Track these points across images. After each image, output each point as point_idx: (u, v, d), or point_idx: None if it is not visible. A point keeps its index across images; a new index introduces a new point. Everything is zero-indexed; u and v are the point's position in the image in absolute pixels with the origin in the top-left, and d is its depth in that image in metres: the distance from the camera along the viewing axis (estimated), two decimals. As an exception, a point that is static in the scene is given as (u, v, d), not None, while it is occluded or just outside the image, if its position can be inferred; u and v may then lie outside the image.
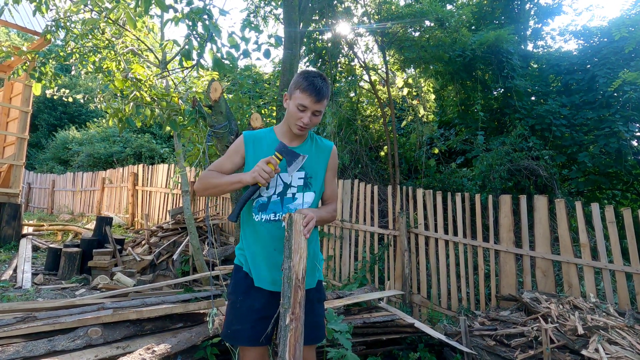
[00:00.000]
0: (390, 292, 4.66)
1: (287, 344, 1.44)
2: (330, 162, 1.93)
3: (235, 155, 1.89)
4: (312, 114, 1.76)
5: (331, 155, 1.93)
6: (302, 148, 1.87)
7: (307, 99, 1.72)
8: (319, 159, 1.90)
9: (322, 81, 1.75)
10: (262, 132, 1.95)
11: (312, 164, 1.87)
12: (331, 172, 1.95)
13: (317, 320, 1.83)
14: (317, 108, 1.75)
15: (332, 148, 1.95)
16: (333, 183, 1.97)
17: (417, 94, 9.41)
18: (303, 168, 1.84)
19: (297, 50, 5.15)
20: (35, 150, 19.85)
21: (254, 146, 1.87)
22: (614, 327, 2.99)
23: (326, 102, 1.78)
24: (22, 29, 7.41)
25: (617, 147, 6.75)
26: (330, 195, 1.97)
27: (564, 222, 3.94)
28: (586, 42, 8.59)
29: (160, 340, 2.62)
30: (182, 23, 3.14)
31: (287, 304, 1.49)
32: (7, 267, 5.78)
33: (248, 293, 1.82)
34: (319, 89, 1.72)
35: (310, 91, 1.71)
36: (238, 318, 1.80)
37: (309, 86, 1.71)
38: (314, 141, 1.93)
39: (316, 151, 1.90)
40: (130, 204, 10.32)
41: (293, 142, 1.88)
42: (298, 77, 1.80)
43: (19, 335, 2.45)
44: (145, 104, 3.70)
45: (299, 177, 1.84)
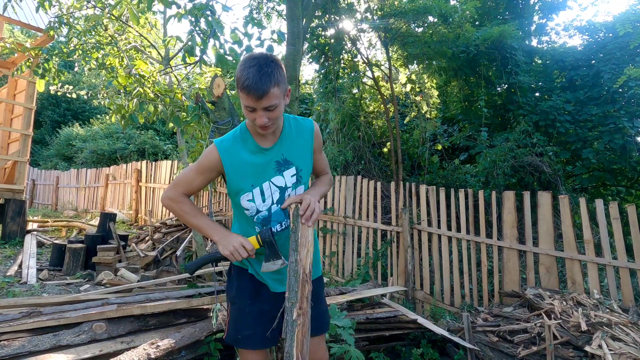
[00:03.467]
0: (393, 288, 4.67)
1: (295, 339, 1.39)
2: (315, 143, 1.75)
3: (208, 172, 1.68)
4: (264, 111, 1.48)
5: (315, 136, 1.74)
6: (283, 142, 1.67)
7: (247, 98, 1.46)
8: (303, 145, 1.71)
9: (260, 68, 1.43)
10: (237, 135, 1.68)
11: (298, 153, 1.70)
12: (318, 151, 1.79)
13: (324, 309, 1.82)
14: (265, 104, 1.46)
15: (313, 129, 1.73)
16: (322, 158, 1.86)
17: (421, 90, 9.37)
18: (293, 163, 1.68)
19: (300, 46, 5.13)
20: (39, 146, 19.94)
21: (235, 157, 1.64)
22: (617, 323, 2.99)
23: (277, 90, 1.46)
24: (26, 25, 7.42)
25: (622, 143, 6.72)
26: (323, 168, 1.88)
27: (568, 219, 3.93)
28: (591, 37, 8.53)
29: (164, 335, 2.63)
30: (185, 19, 3.14)
31: (294, 298, 1.45)
32: (12, 263, 5.82)
33: (257, 296, 1.76)
34: (257, 82, 1.42)
35: (248, 88, 1.43)
36: (248, 323, 1.74)
37: (244, 82, 1.43)
38: (293, 128, 1.70)
39: (297, 136, 1.70)
40: (134, 200, 10.36)
41: (271, 137, 1.66)
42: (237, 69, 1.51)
43: (24, 330, 2.47)
44: (148, 100, 3.71)
45: (291, 174, 1.68)
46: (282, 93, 1.51)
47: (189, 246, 6.09)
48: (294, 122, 1.72)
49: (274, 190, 1.67)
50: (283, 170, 1.67)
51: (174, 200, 1.69)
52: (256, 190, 1.66)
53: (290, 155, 1.68)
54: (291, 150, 1.68)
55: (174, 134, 16.53)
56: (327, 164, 1.91)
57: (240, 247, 1.55)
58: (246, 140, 1.66)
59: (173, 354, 2.51)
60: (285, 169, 1.67)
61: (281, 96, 1.51)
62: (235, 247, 1.55)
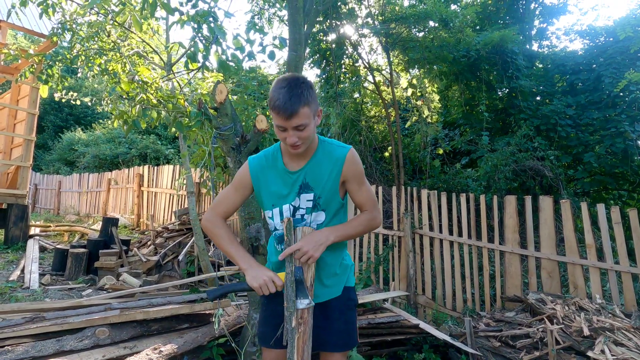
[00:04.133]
0: (395, 293, 4.67)
1: (295, 346, 1.47)
2: (345, 171, 1.66)
3: (243, 188, 1.77)
4: (294, 130, 1.52)
5: (345, 164, 1.65)
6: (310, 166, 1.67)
7: (278, 117, 1.50)
8: (329, 172, 1.66)
9: (291, 89, 1.49)
10: (269, 155, 1.74)
11: (321, 181, 1.66)
12: (353, 182, 1.70)
13: (346, 328, 1.78)
14: (296, 123, 1.50)
15: (344, 157, 1.65)
16: (361, 190, 1.73)
17: (422, 95, 9.40)
18: (312, 189, 1.66)
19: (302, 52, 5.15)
20: (41, 151, 20.01)
21: (262, 176, 1.72)
22: (620, 328, 2.98)
23: (307, 109, 1.50)
24: (29, 31, 7.49)
25: (623, 147, 6.72)
26: (362, 203, 1.75)
27: (570, 223, 3.93)
28: (592, 41, 8.55)
29: (166, 340, 2.64)
30: (188, 25, 3.16)
31: (292, 307, 1.51)
32: (15, 268, 5.84)
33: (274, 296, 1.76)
34: (287, 102, 1.47)
35: (279, 108, 1.48)
36: (264, 320, 1.83)
37: (275, 102, 1.48)
38: (325, 154, 1.67)
39: (326, 163, 1.67)
40: (136, 204, 10.38)
41: (300, 160, 1.68)
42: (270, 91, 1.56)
43: (27, 335, 2.48)
44: (151, 107, 3.73)
45: (307, 199, 1.67)
46: (312, 113, 1.54)
47: (191, 251, 6.09)
48: (328, 147, 1.69)
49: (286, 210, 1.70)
50: (301, 193, 1.68)
51: (212, 223, 1.76)
52: (276, 210, 1.71)
53: (312, 181, 1.67)
54: (315, 176, 1.67)
55: (175, 139, 16.58)
56: (369, 199, 1.75)
57: (269, 282, 1.58)
58: (276, 160, 1.71)
59: (176, 359, 2.51)
60: (303, 193, 1.67)
61: (311, 116, 1.54)
62: (265, 282, 1.58)
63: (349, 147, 1.69)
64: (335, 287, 1.78)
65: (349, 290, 1.84)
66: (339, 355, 1.79)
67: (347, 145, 1.70)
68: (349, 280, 1.85)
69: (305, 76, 1.60)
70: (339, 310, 1.77)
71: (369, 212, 1.76)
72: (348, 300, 1.82)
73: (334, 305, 1.76)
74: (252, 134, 2.75)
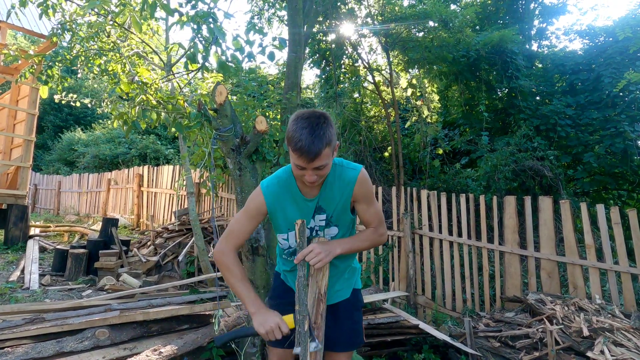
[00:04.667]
0: (395, 293, 4.67)
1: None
2: (356, 193, 1.68)
3: (258, 216, 1.73)
4: (314, 170, 1.51)
5: (356, 186, 1.67)
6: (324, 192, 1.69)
7: (299, 159, 1.47)
8: (341, 196, 1.69)
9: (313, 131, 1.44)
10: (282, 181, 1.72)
11: (332, 203, 1.70)
12: (362, 203, 1.73)
13: (354, 328, 1.85)
14: (316, 165, 1.48)
15: (355, 179, 1.66)
16: (370, 210, 1.76)
17: (421, 95, 9.40)
18: (325, 210, 1.70)
19: (302, 52, 5.17)
20: (41, 151, 19.99)
21: (278, 204, 1.71)
22: (619, 328, 2.99)
23: (328, 149, 1.48)
24: (29, 32, 7.49)
25: (623, 147, 6.73)
26: (368, 220, 1.78)
27: (569, 223, 3.93)
28: (591, 41, 8.56)
29: (166, 341, 2.64)
30: (187, 26, 3.16)
31: (304, 311, 1.54)
32: (15, 268, 5.84)
33: (283, 298, 1.85)
34: (310, 145, 1.43)
35: (300, 150, 1.44)
36: None
37: (297, 144, 1.44)
38: (336, 178, 1.68)
39: (338, 188, 1.68)
40: (136, 205, 10.38)
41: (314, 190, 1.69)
42: (289, 128, 1.51)
43: (27, 337, 2.48)
44: (151, 107, 3.73)
45: (321, 219, 1.72)
46: (331, 151, 1.53)
47: (191, 251, 6.10)
48: (339, 171, 1.69)
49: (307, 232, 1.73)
50: (316, 214, 1.71)
51: (226, 256, 1.70)
52: (292, 233, 1.73)
53: (325, 204, 1.70)
54: (327, 200, 1.69)
55: (175, 139, 16.58)
56: (376, 217, 1.78)
57: (276, 329, 1.56)
58: (291, 186, 1.70)
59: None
60: (318, 214, 1.71)
61: (331, 154, 1.52)
62: (272, 328, 1.56)
63: (359, 169, 1.69)
64: (345, 290, 1.85)
65: (356, 292, 1.92)
66: (345, 355, 1.84)
67: (357, 166, 1.70)
68: (356, 282, 1.92)
69: (323, 111, 1.57)
70: (348, 311, 1.83)
71: (376, 229, 1.79)
72: (356, 302, 1.89)
73: (342, 306, 1.83)
74: (252, 135, 2.75)
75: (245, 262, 2.81)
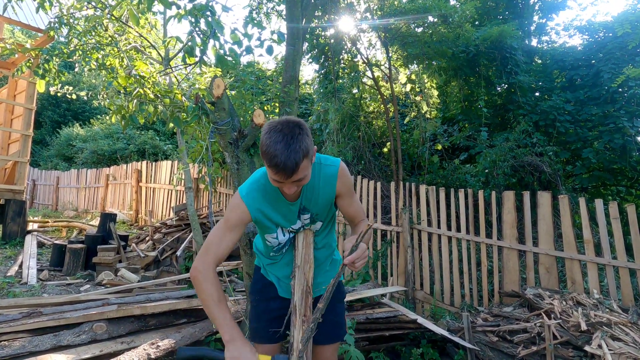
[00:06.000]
0: (393, 288, 4.67)
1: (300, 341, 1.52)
2: (339, 187, 1.65)
3: (238, 227, 1.62)
4: (292, 184, 1.44)
5: (338, 183, 1.64)
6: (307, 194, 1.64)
7: (276, 175, 1.39)
8: (324, 195, 1.65)
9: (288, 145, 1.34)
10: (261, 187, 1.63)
11: (317, 204, 1.67)
12: (345, 197, 1.70)
13: (337, 320, 1.85)
14: (295, 179, 1.40)
15: (336, 176, 1.63)
16: (353, 203, 1.75)
17: (420, 90, 9.37)
18: (309, 210, 1.68)
19: (300, 47, 5.14)
20: (39, 147, 19.94)
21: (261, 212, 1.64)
22: (617, 323, 2.99)
23: (306, 161, 1.39)
24: (26, 26, 7.43)
25: (622, 143, 6.72)
26: (355, 214, 1.78)
27: (568, 219, 3.93)
28: (591, 37, 8.54)
29: (164, 335, 2.64)
30: (185, 20, 3.14)
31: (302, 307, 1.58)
32: (12, 263, 5.83)
33: (265, 293, 1.87)
34: (285, 164, 1.34)
35: (276, 167, 1.36)
36: (255, 317, 1.87)
37: (272, 160, 1.35)
38: (317, 177, 1.63)
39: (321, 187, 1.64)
40: (134, 200, 10.36)
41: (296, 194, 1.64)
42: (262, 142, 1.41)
43: (24, 330, 2.47)
44: (148, 101, 3.71)
45: (305, 218, 1.70)
46: (309, 161, 1.44)
47: (189, 246, 6.09)
48: (318, 169, 1.63)
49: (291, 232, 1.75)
50: (301, 214, 1.70)
51: (202, 275, 1.54)
52: (279, 230, 1.73)
53: (309, 204, 1.66)
54: (310, 200, 1.65)
55: (174, 134, 16.54)
56: (360, 210, 1.78)
57: None
58: (271, 190, 1.62)
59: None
60: (302, 214, 1.70)
61: (309, 164, 1.44)
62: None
63: (337, 163, 1.65)
64: (326, 283, 1.85)
65: (339, 285, 1.92)
66: (331, 347, 1.85)
67: (336, 161, 1.65)
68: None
69: (296, 119, 1.46)
70: (330, 304, 1.78)
71: (364, 220, 1.80)
72: (338, 294, 1.90)
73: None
74: (250, 129, 2.74)
75: (243, 256, 2.80)
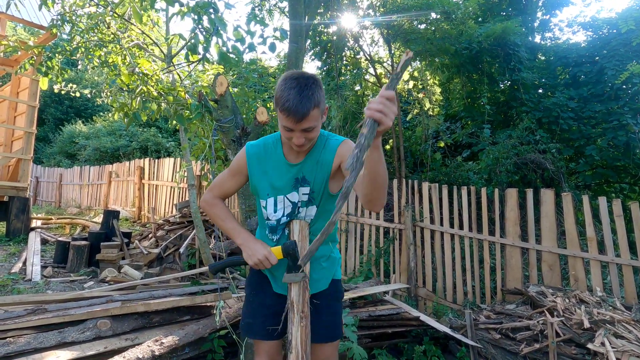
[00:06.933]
0: (396, 285, 4.68)
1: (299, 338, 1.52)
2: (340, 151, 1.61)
3: (238, 175, 1.77)
4: (302, 132, 1.48)
5: (338, 150, 1.62)
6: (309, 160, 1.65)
7: (286, 119, 1.45)
8: (324, 165, 1.64)
9: (301, 91, 1.41)
10: (269, 144, 1.71)
11: (317, 175, 1.66)
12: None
13: (333, 320, 1.80)
14: (304, 127, 1.46)
15: (337, 148, 1.63)
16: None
17: (423, 87, 9.35)
18: (309, 183, 1.65)
19: (303, 44, 5.12)
20: (42, 144, 20.00)
21: (259, 166, 1.70)
22: (620, 321, 2.99)
23: (316, 111, 1.46)
24: (28, 23, 7.44)
25: (626, 140, 6.69)
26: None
27: (571, 216, 3.92)
28: (595, 33, 8.48)
29: (168, 332, 2.65)
30: (188, 17, 3.14)
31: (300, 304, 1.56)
32: (16, 260, 5.85)
33: (260, 288, 1.84)
34: (298, 105, 1.40)
35: (288, 110, 1.41)
36: (250, 312, 1.82)
37: (285, 104, 1.42)
38: (322, 148, 1.65)
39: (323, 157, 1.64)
40: (137, 197, 10.39)
41: (300, 153, 1.66)
42: (277, 88, 1.48)
43: (29, 327, 2.49)
44: (152, 99, 3.72)
45: (304, 192, 1.67)
46: (320, 113, 1.51)
47: (192, 243, 6.10)
48: (324, 141, 1.66)
49: (287, 205, 1.70)
50: (299, 187, 1.68)
51: (208, 203, 1.80)
52: (270, 200, 1.70)
53: (309, 175, 1.66)
54: (312, 170, 1.65)
55: (176, 132, 16.56)
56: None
57: (265, 260, 1.60)
58: (276, 150, 1.69)
59: (177, 351, 2.53)
60: (301, 186, 1.67)
61: (319, 116, 1.50)
62: (260, 260, 1.60)
63: (344, 138, 1.68)
64: (323, 281, 1.80)
65: (337, 283, 1.87)
66: (329, 347, 1.80)
67: (342, 138, 1.69)
68: (336, 273, 1.87)
69: (313, 73, 1.53)
70: (326, 302, 1.78)
71: None
72: (336, 292, 1.85)
73: (321, 297, 1.77)
74: (253, 126, 2.74)
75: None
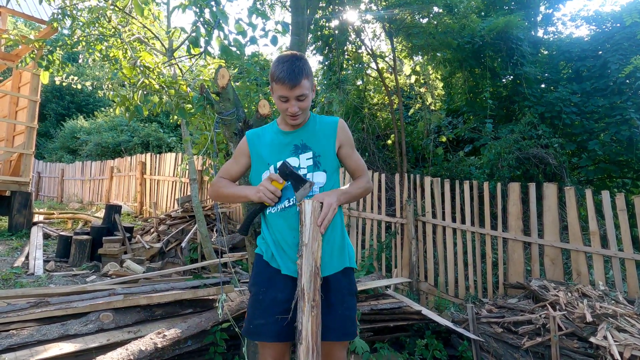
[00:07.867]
0: (398, 279, 4.67)
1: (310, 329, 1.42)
2: (339, 136, 1.80)
3: (241, 157, 1.89)
4: (296, 100, 1.67)
5: (338, 129, 1.80)
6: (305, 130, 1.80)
7: (282, 88, 1.64)
8: (324, 135, 1.79)
9: (292, 63, 1.64)
10: (266, 127, 1.92)
11: (318, 141, 1.78)
12: (347, 147, 1.83)
13: (347, 314, 1.71)
14: (298, 93, 1.65)
15: (337, 122, 1.82)
16: (354, 156, 1.87)
17: (425, 82, 9.32)
18: (310, 148, 1.76)
19: (305, 37, 5.09)
20: (44, 139, 20.00)
21: (258, 142, 1.85)
22: (622, 314, 2.98)
23: (307, 82, 1.66)
24: (29, 17, 7.42)
25: (629, 134, 6.66)
26: (356, 168, 1.88)
27: (574, 210, 3.91)
28: (598, 27, 8.42)
29: (170, 325, 2.66)
30: (189, 10, 3.12)
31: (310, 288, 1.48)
32: (19, 254, 5.87)
33: (271, 283, 1.72)
34: (291, 74, 1.62)
35: (283, 79, 1.62)
36: (260, 312, 1.68)
37: (279, 75, 1.63)
38: (317, 123, 1.83)
39: (320, 128, 1.81)
40: (139, 192, 10.40)
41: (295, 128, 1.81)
42: (271, 69, 1.71)
43: (32, 320, 2.49)
44: (153, 92, 3.70)
45: (307, 157, 1.76)
46: (310, 85, 1.70)
47: (194, 238, 6.12)
48: (319, 119, 1.85)
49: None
50: (300, 153, 1.77)
51: (216, 185, 1.90)
52: (271, 168, 1.78)
53: (309, 141, 1.79)
54: (311, 137, 1.79)
55: (177, 127, 16.56)
56: (362, 166, 1.90)
57: (265, 190, 1.67)
58: (272, 127, 1.88)
59: (179, 344, 2.53)
60: (302, 152, 1.77)
61: (310, 88, 1.70)
62: (261, 190, 1.68)
63: (338, 118, 1.86)
64: (337, 260, 1.75)
65: (350, 273, 1.80)
66: (340, 346, 1.73)
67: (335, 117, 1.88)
68: (350, 259, 1.81)
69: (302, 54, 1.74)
70: (340, 294, 1.71)
71: (364, 176, 1.89)
72: (349, 284, 1.77)
73: (334, 287, 1.70)
74: (255, 119, 2.72)
75: (249, 247, 2.80)
